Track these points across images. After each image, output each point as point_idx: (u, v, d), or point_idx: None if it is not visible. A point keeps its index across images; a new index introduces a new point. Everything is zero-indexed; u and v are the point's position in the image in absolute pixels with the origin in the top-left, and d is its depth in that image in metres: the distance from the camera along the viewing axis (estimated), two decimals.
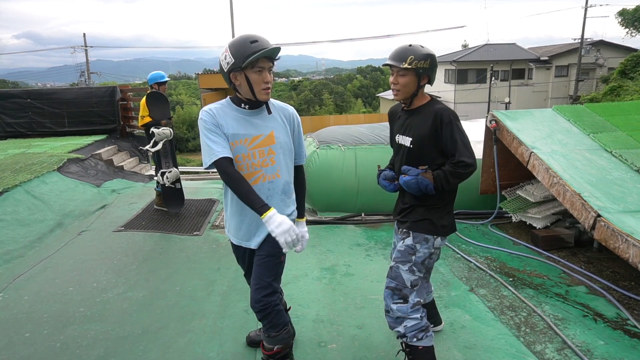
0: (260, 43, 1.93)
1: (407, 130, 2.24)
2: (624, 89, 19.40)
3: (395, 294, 2.20)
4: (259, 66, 1.95)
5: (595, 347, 2.60)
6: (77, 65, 34.79)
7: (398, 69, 2.15)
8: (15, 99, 9.59)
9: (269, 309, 2.09)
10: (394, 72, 2.19)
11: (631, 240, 2.86)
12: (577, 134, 4.38)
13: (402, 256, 2.22)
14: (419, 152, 2.18)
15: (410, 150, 2.21)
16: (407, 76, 2.15)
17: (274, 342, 2.15)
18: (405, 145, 2.23)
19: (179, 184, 5.41)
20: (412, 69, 2.12)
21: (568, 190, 3.46)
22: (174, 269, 3.77)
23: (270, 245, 2.09)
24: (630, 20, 25.62)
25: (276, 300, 2.12)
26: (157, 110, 5.17)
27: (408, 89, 2.17)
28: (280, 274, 2.19)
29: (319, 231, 4.66)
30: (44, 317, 3.01)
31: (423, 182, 2.13)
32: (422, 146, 2.17)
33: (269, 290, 2.09)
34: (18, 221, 4.68)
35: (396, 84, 2.19)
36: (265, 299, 2.08)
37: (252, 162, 2.04)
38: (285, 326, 2.16)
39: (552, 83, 29.29)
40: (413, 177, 2.15)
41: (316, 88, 52.65)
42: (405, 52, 2.14)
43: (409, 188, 2.16)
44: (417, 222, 2.22)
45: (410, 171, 2.17)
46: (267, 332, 2.15)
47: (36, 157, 6.69)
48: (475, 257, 3.92)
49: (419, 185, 2.13)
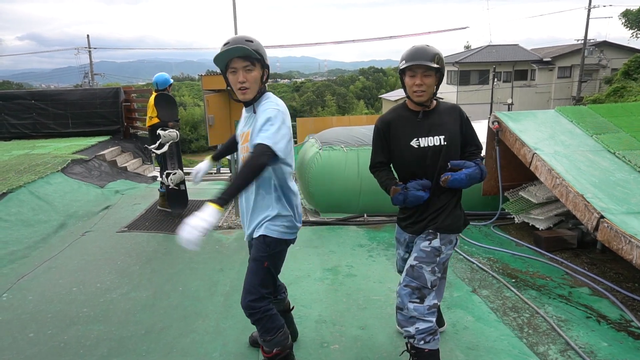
0: (230, 44, 1.95)
1: (433, 131, 2.20)
2: (628, 90, 19.33)
3: (414, 292, 2.16)
4: (232, 67, 1.98)
5: (598, 348, 2.59)
6: (81, 66, 34.90)
7: (424, 69, 2.11)
8: (20, 100, 9.65)
9: (258, 314, 2.08)
10: (418, 74, 2.12)
11: (635, 242, 2.85)
12: (580, 135, 4.37)
13: (427, 257, 2.19)
14: (453, 148, 2.21)
15: (445, 148, 2.19)
16: (432, 76, 2.14)
17: (271, 346, 2.15)
18: (437, 145, 2.19)
19: (183, 185, 5.43)
20: (438, 69, 2.13)
21: (571, 192, 3.46)
22: (177, 270, 3.79)
23: (255, 249, 2.12)
24: (634, 21, 25.54)
25: (265, 305, 2.09)
26: (165, 111, 5.21)
27: (432, 89, 2.17)
28: (267, 279, 2.12)
29: (322, 232, 4.67)
30: (48, 317, 3.02)
31: (485, 171, 2.22)
32: (454, 142, 2.21)
33: (256, 296, 2.08)
34: (22, 222, 4.71)
35: (421, 84, 2.13)
36: (252, 304, 2.07)
37: (243, 156, 2.15)
38: (279, 329, 2.15)
39: (555, 84, 29.21)
40: (475, 167, 2.16)
41: (319, 89, 52.71)
42: (429, 51, 2.12)
43: (471, 180, 2.15)
44: (446, 223, 2.22)
45: (466, 164, 2.17)
46: (262, 336, 2.15)
47: (40, 158, 6.72)
48: (477, 258, 3.92)
49: (482, 174, 2.19)
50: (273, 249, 2.11)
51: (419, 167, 2.23)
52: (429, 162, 2.21)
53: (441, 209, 2.23)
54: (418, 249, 2.23)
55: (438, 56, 2.12)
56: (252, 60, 1.98)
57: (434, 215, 2.23)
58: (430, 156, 2.20)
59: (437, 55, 2.12)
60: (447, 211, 2.23)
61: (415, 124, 2.22)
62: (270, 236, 2.10)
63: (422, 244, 2.23)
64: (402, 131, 2.25)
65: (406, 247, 2.43)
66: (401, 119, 2.27)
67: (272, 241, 2.11)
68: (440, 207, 2.23)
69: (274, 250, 2.12)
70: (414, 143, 2.22)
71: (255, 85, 2.02)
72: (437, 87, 2.19)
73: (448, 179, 2.14)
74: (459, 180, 2.13)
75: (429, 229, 2.23)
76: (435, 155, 2.19)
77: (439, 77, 2.17)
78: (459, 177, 2.13)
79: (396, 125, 2.27)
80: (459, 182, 2.14)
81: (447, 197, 2.24)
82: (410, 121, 2.23)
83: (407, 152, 2.23)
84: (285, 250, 2.22)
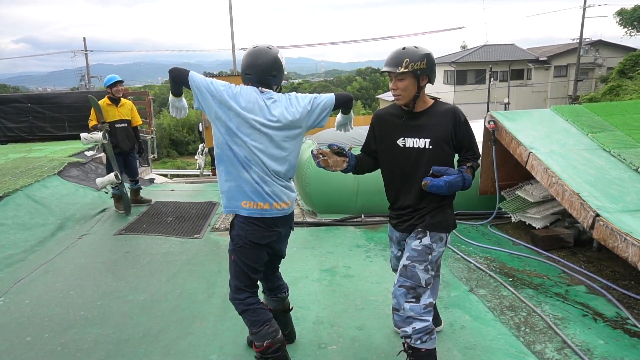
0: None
1: (420, 133, 2.21)
2: (623, 89, 19.43)
3: (409, 292, 2.17)
4: None
5: (595, 346, 2.61)
6: (77, 69, 34.79)
7: (396, 74, 2.15)
8: (16, 104, 9.63)
9: (242, 306, 2.22)
10: (392, 78, 2.18)
11: (630, 240, 2.87)
12: (575, 134, 4.39)
13: (419, 255, 2.21)
14: (440, 152, 2.20)
15: (428, 151, 2.20)
16: (406, 80, 2.15)
17: (260, 339, 2.20)
18: (421, 147, 2.21)
19: (117, 188, 5.43)
20: (409, 72, 2.12)
21: (567, 190, 3.47)
22: (175, 272, 3.78)
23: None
24: (629, 19, 25.66)
25: (247, 298, 2.22)
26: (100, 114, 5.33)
27: (409, 92, 2.17)
28: (236, 272, 2.24)
29: (319, 233, 4.67)
30: (45, 320, 3.01)
31: (468, 179, 2.19)
32: (440, 146, 2.20)
33: (232, 289, 2.26)
34: (19, 225, 4.70)
35: (396, 89, 2.18)
36: (232, 294, 2.25)
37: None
38: (265, 323, 2.21)
39: (551, 83, 29.33)
40: (457, 175, 2.14)
41: (316, 90, 52.67)
42: (400, 56, 2.14)
43: (451, 187, 2.14)
44: (434, 221, 2.23)
45: (448, 170, 2.16)
46: (250, 330, 2.25)
47: (37, 162, 6.70)
48: (474, 257, 3.93)
49: (465, 182, 2.17)
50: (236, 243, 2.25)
51: (404, 166, 2.26)
52: (412, 164, 2.23)
53: (430, 209, 2.25)
54: (410, 248, 2.25)
55: (408, 61, 2.10)
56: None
57: (422, 214, 2.26)
58: (414, 157, 2.22)
59: (406, 60, 2.10)
60: (434, 211, 2.25)
61: (404, 123, 2.26)
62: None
63: (413, 243, 2.24)
64: (390, 128, 2.30)
65: (398, 245, 2.46)
66: (391, 116, 2.32)
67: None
68: (429, 208, 2.25)
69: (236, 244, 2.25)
70: (400, 142, 2.26)
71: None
72: (419, 89, 2.18)
73: (427, 184, 2.16)
74: (437, 187, 2.14)
75: (418, 228, 2.25)
76: (419, 157, 2.21)
77: (417, 80, 2.15)
78: (437, 184, 2.14)
79: (386, 121, 2.33)
80: (438, 189, 2.14)
81: (438, 200, 2.24)
82: (399, 120, 2.28)
83: (392, 150, 2.28)
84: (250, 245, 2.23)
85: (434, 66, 2.20)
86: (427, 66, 2.14)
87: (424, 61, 2.13)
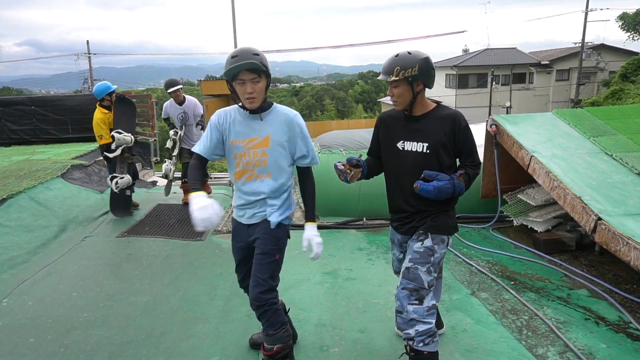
0: (239, 58, 2.06)
1: (418, 137, 2.23)
2: (625, 93, 19.39)
3: (412, 294, 2.18)
4: (240, 79, 2.10)
5: (597, 350, 2.60)
6: (80, 72, 34.94)
7: (389, 81, 2.20)
8: (20, 106, 9.67)
9: (266, 306, 2.18)
10: (389, 84, 2.23)
11: (632, 243, 2.87)
12: (577, 137, 4.39)
13: (421, 257, 2.22)
14: (435, 156, 2.21)
15: (426, 156, 2.22)
16: (400, 87, 2.19)
17: (273, 342, 2.21)
18: (419, 151, 2.23)
19: (129, 191, 5.48)
20: (401, 80, 2.15)
21: (569, 194, 3.47)
22: (177, 274, 3.79)
23: (263, 242, 2.22)
24: (631, 24, 25.67)
25: (273, 298, 2.21)
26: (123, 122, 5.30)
27: (404, 98, 2.21)
28: (275, 272, 2.26)
29: (321, 235, 4.64)
30: (48, 322, 3.03)
31: (459, 186, 2.18)
32: (438, 151, 2.21)
33: (265, 287, 2.19)
34: (22, 227, 4.72)
35: (392, 95, 2.24)
36: (261, 295, 2.18)
37: (247, 160, 2.22)
38: (283, 325, 2.23)
39: (553, 87, 29.29)
40: (447, 182, 2.16)
41: (318, 94, 52.87)
42: (392, 64, 2.18)
43: (440, 193, 2.15)
44: (436, 224, 2.25)
45: (439, 176, 2.17)
46: (265, 330, 2.23)
47: (40, 164, 6.73)
48: (476, 260, 3.93)
49: (455, 189, 2.17)
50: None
51: (403, 169, 2.29)
52: (410, 167, 2.26)
53: (432, 212, 2.27)
54: (412, 250, 2.27)
55: (398, 69, 2.13)
56: (259, 73, 2.12)
57: (423, 216, 2.28)
58: (411, 161, 2.25)
59: (397, 69, 2.13)
60: (436, 213, 2.27)
61: (405, 127, 2.29)
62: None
63: (414, 245, 2.26)
64: (392, 130, 2.35)
65: (400, 247, 2.49)
66: (393, 119, 2.36)
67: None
68: (430, 210, 2.27)
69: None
70: (399, 145, 2.29)
71: (261, 94, 2.17)
72: (414, 94, 2.20)
73: (417, 187, 2.18)
74: (426, 192, 2.16)
75: (420, 230, 2.27)
76: (417, 161, 2.24)
77: (411, 86, 2.17)
78: (426, 189, 2.16)
79: (388, 124, 2.37)
80: (427, 193, 2.17)
81: (440, 203, 2.25)
82: (400, 123, 2.31)
83: (393, 152, 2.33)
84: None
85: (431, 71, 2.20)
86: (419, 72, 2.15)
87: (416, 67, 2.14)
